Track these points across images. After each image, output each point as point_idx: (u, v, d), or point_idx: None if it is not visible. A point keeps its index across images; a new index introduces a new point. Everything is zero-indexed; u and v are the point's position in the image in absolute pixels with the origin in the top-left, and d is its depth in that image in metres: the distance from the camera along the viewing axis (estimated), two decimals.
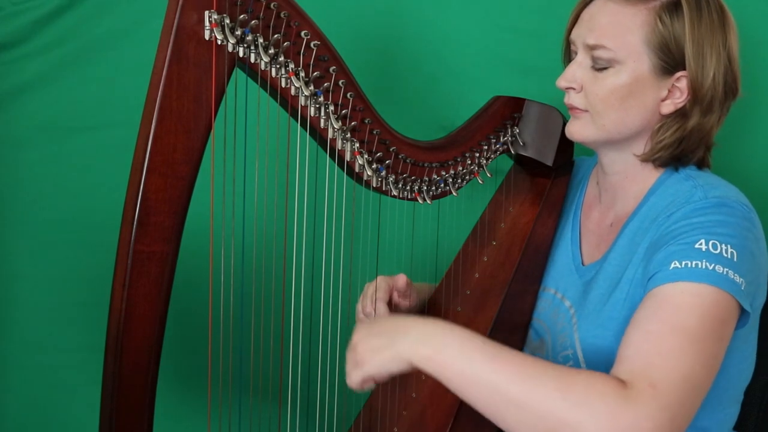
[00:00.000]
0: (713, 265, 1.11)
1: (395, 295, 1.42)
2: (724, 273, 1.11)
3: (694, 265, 1.12)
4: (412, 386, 1.35)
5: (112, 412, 1.13)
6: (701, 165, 1.29)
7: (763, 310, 1.26)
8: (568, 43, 1.32)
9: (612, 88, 1.23)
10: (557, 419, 1.02)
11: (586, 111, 1.27)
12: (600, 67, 1.24)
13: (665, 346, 1.07)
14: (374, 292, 1.39)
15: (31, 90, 1.75)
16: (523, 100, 1.42)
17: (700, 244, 1.13)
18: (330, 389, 1.32)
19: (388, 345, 1.11)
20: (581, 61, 1.27)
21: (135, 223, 1.09)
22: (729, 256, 1.12)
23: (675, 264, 1.13)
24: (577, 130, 1.29)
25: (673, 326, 1.09)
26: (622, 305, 1.22)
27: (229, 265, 1.17)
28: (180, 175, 1.10)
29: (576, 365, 1.26)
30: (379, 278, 1.40)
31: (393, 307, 1.42)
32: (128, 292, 1.10)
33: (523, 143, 1.42)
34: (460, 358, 1.07)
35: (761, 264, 1.20)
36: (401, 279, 1.40)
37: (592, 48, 1.24)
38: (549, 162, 1.42)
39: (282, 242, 1.33)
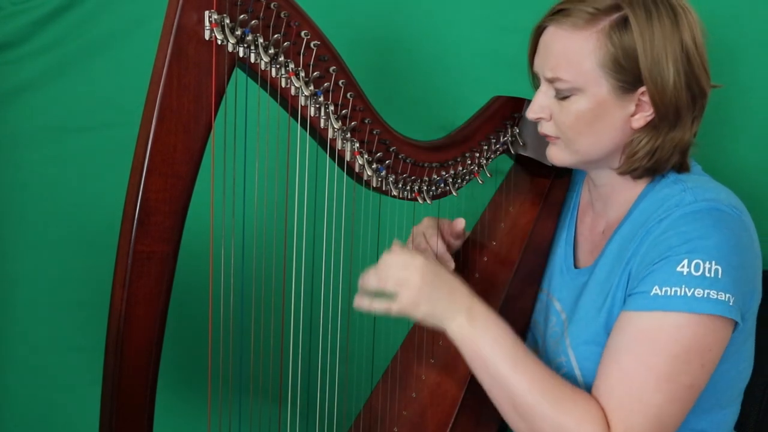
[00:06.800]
0: (692, 290, 1.12)
1: (448, 237, 1.43)
2: (705, 296, 1.12)
3: (673, 293, 1.13)
4: (412, 386, 1.35)
5: (112, 412, 1.13)
6: (680, 170, 1.26)
7: (762, 310, 1.26)
8: (533, 71, 1.30)
9: (577, 116, 1.22)
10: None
11: (559, 138, 1.26)
12: (563, 96, 1.22)
13: (636, 387, 1.14)
14: (425, 230, 1.42)
15: (31, 90, 1.75)
16: (523, 100, 1.42)
17: (682, 266, 1.13)
18: (330, 389, 1.32)
19: (442, 307, 1.20)
20: (545, 91, 1.25)
21: (135, 223, 1.09)
22: (712, 275, 1.13)
23: (656, 290, 1.14)
24: (554, 155, 1.29)
25: (646, 365, 1.13)
26: (609, 314, 1.22)
27: (229, 264, 1.16)
28: (180, 175, 1.10)
29: (570, 373, 1.26)
30: (426, 219, 1.44)
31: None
32: (128, 292, 1.10)
33: (523, 143, 1.42)
34: (489, 352, 1.18)
35: (754, 266, 1.20)
36: (460, 223, 1.42)
37: (550, 80, 1.23)
38: (549, 162, 1.41)
39: (282, 242, 1.33)
